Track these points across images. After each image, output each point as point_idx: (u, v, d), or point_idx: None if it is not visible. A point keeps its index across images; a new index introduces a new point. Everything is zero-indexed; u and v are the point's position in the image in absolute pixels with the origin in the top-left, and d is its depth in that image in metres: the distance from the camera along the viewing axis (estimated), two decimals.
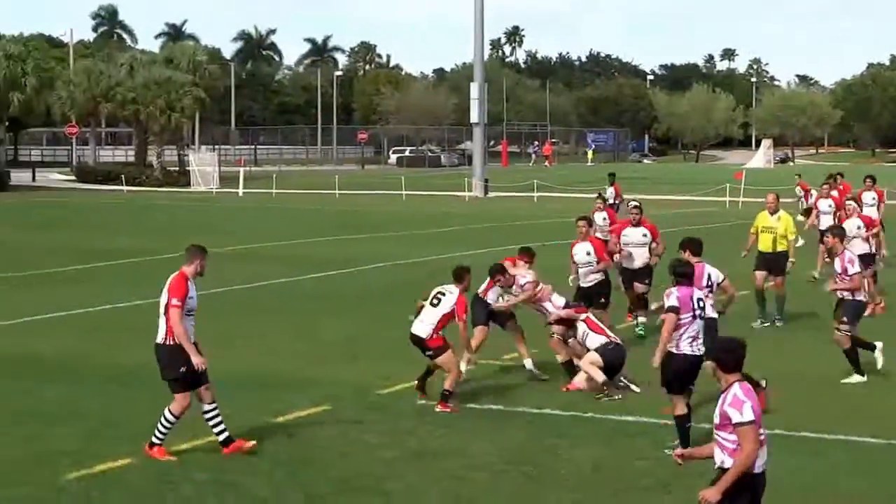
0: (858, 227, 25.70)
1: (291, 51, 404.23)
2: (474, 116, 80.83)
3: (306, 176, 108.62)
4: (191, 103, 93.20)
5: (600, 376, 17.36)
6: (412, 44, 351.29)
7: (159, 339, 13.91)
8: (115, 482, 13.22)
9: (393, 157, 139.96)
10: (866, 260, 25.17)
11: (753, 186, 64.42)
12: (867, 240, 25.89)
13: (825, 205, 31.07)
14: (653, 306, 17.59)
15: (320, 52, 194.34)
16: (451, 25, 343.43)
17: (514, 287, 18.69)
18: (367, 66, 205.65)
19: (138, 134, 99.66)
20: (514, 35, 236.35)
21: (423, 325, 16.76)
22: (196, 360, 13.69)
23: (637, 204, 23.77)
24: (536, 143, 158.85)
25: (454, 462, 14.09)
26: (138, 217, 57.84)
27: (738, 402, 9.24)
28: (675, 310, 14.14)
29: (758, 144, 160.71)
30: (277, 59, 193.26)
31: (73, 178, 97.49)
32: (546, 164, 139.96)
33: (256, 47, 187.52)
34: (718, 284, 17.52)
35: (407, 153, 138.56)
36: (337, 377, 18.70)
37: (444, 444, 14.85)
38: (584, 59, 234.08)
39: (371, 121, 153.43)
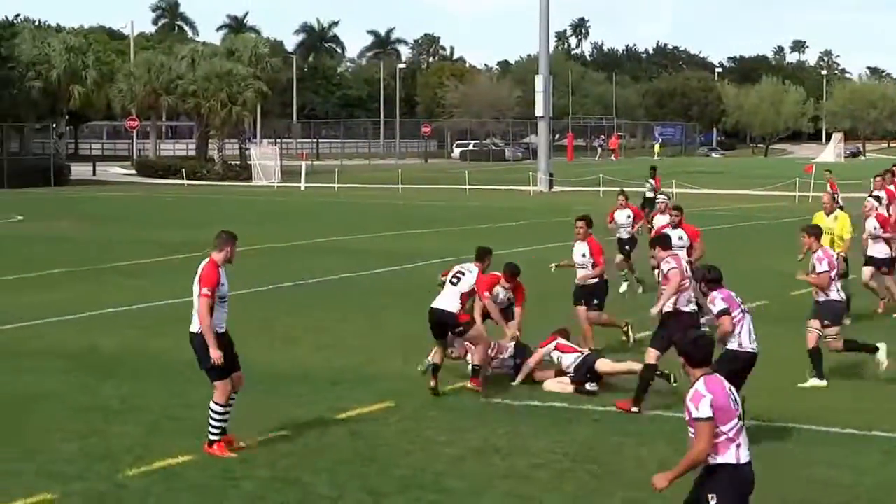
0: (875, 228, 24.64)
1: (354, 43, 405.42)
2: (539, 110, 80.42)
3: (369, 170, 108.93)
4: (252, 96, 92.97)
5: (637, 366, 17.15)
6: (476, 36, 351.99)
7: (194, 328, 13.85)
8: (177, 478, 13.13)
9: (456, 151, 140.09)
10: (887, 263, 24.31)
11: (823, 181, 63.41)
12: (885, 241, 24.27)
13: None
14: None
15: (383, 44, 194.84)
16: (515, 17, 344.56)
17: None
18: (431, 59, 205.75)
19: (199, 127, 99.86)
20: (580, 27, 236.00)
21: (450, 301, 16.75)
22: (214, 353, 13.59)
23: (676, 204, 23.51)
24: (602, 136, 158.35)
25: (517, 460, 13.90)
26: (199, 211, 57.89)
27: (698, 396, 9.19)
28: (727, 311, 14.49)
29: (828, 138, 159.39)
30: (340, 51, 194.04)
31: (134, 171, 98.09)
32: (612, 157, 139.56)
33: (319, 40, 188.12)
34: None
35: (471, 147, 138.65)
36: (400, 373, 18.54)
37: (507, 442, 14.66)
38: (650, 51, 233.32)
39: (434, 114, 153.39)
